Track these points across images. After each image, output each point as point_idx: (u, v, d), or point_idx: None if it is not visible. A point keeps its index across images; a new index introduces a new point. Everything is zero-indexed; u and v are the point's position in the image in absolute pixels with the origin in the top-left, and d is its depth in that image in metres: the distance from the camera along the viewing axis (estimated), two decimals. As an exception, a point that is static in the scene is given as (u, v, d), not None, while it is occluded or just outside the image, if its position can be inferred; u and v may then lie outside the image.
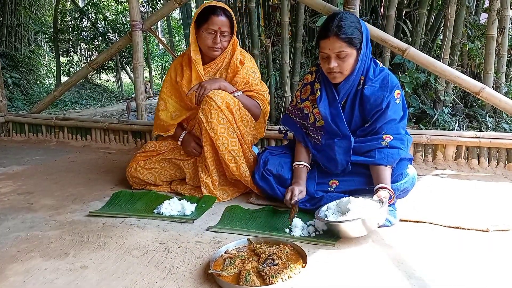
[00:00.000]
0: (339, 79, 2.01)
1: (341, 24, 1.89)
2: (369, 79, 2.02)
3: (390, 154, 1.96)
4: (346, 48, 1.91)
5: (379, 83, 2.02)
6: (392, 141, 1.99)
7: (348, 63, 1.95)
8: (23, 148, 3.82)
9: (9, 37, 7.80)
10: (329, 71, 1.99)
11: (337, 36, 1.89)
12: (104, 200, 2.32)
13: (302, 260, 1.53)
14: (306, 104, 2.21)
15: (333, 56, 1.94)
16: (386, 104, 1.99)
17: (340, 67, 1.95)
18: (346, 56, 1.93)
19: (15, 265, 1.60)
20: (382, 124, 2.01)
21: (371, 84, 2.02)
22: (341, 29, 1.89)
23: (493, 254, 1.61)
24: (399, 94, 2.03)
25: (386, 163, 1.95)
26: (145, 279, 1.47)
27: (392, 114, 2.00)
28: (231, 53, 2.48)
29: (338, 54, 1.92)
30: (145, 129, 3.62)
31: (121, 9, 9.56)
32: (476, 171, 2.75)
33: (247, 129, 2.36)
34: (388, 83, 2.01)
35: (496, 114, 3.74)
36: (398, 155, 1.97)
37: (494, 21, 3.51)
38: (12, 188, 2.61)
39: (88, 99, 8.04)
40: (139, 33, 3.61)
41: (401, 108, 2.05)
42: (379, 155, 1.96)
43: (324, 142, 2.11)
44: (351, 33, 1.90)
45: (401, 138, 2.01)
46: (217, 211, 2.14)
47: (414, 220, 1.93)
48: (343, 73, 1.98)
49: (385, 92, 1.99)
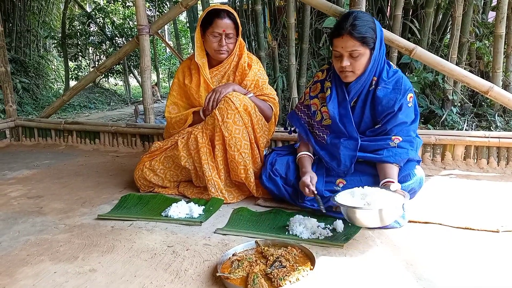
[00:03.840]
0: (351, 78, 2.00)
1: (355, 23, 1.88)
2: (383, 80, 2.00)
3: (398, 153, 1.95)
4: (359, 47, 1.90)
5: (393, 85, 1.99)
6: (401, 142, 1.97)
7: (360, 63, 1.94)
8: (33, 153, 3.86)
9: (19, 42, 7.90)
10: (341, 70, 1.98)
11: (350, 35, 1.88)
12: (113, 203, 2.34)
13: (310, 262, 1.53)
14: (315, 101, 2.20)
15: (345, 55, 1.92)
16: (399, 107, 1.97)
17: (352, 66, 1.94)
18: (359, 55, 1.91)
19: (25, 268, 1.62)
20: (392, 126, 2.00)
21: (384, 86, 2.00)
22: (355, 28, 1.87)
23: (503, 255, 1.59)
24: (412, 98, 2.01)
25: (394, 161, 1.94)
26: (154, 282, 1.48)
27: (404, 117, 1.98)
28: (238, 56, 2.49)
29: (351, 53, 1.91)
30: (153, 132, 3.64)
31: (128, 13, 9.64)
32: (485, 171, 2.72)
33: (262, 132, 2.37)
34: (401, 85, 1.98)
35: (505, 113, 3.71)
36: (406, 155, 1.96)
37: (502, 19, 3.49)
38: (22, 192, 2.64)
39: (96, 103, 8.11)
40: (146, 37, 3.64)
41: (412, 111, 2.03)
42: (387, 153, 1.95)
43: (330, 141, 2.10)
44: (365, 32, 1.89)
45: (410, 140, 1.99)
46: (225, 213, 2.14)
47: (423, 221, 1.91)
48: (355, 73, 1.97)
49: (398, 95, 1.97)
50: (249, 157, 2.28)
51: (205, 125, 2.34)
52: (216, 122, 2.26)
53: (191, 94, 2.52)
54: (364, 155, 2.02)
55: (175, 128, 2.54)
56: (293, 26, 3.99)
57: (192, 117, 2.47)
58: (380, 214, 1.64)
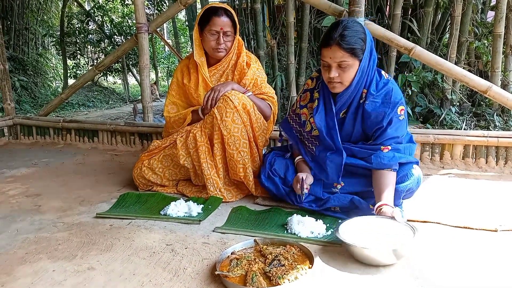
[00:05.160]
0: (339, 89, 1.93)
1: (345, 33, 1.80)
2: (371, 94, 1.93)
3: (385, 156, 1.88)
4: (348, 58, 1.83)
5: (381, 99, 1.92)
6: (389, 151, 1.91)
7: (349, 74, 1.87)
8: (31, 151, 3.85)
9: (17, 40, 7.88)
10: (329, 81, 1.91)
11: (339, 46, 1.81)
12: (111, 202, 2.34)
13: (309, 261, 1.53)
14: (304, 111, 2.15)
15: (334, 66, 1.86)
16: (388, 122, 1.90)
17: (340, 77, 1.87)
18: (347, 66, 1.84)
19: (23, 266, 1.62)
20: (383, 141, 1.94)
21: (373, 100, 1.92)
22: (344, 39, 1.80)
23: (502, 254, 1.60)
24: (403, 110, 1.93)
25: (383, 166, 1.89)
26: (152, 280, 1.48)
27: (393, 132, 1.92)
28: (237, 55, 2.49)
29: (340, 63, 1.84)
30: (151, 130, 3.63)
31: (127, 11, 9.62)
32: (484, 170, 2.72)
33: (261, 131, 2.36)
34: (390, 98, 1.91)
35: (504, 113, 3.71)
36: (395, 158, 1.90)
37: (501, 19, 3.49)
38: (20, 190, 2.63)
39: (95, 102, 8.09)
40: (145, 35, 3.63)
41: (405, 124, 1.96)
42: (375, 160, 1.90)
43: (318, 153, 2.07)
44: (354, 43, 1.81)
45: (398, 148, 1.93)
46: (224, 212, 2.14)
47: (421, 220, 1.91)
48: (343, 84, 1.90)
49: (387, 109, 1.90)
50: (248, 155, 2.28)
51: (204, 124, 2.34)
52: (215, 121, 2.26)
53: (190, 93, 2.52)
54: (355, 161, 1.98)
55: (174, 127, 2.54)
56: (292, 25, 3.99)
57: (191, 116, 2.46)
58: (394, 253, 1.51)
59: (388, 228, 1.65)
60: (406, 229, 1.62)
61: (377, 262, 1.52)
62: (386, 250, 1.50)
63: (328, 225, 1.86)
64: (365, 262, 1.54)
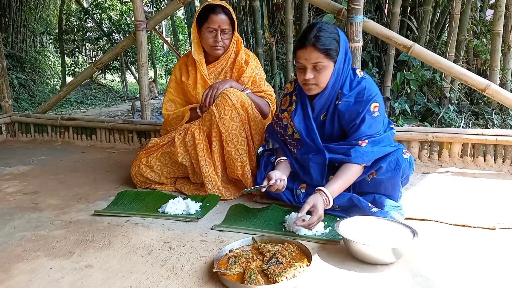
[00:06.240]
0: (314, 91, 1.93)
1: (319, 35, 1.81)
2: (343, 94, 1.93)
3: (365, 153, 1.88)
4: (323, 59, 1.84)
5: (354, 97, 1.92)
6: (367, 144, 1.90)
7: (324, 75, 1.87)
8: (29, 148, 3.84)
9: (15, 38, 7.85)
10: (304, 83, 1.91)
11: (314, 47, 1.82)
12: (109, 200, 2.33)
13: (307, 258, 1.53)
14: (285, 115, 2.16)
15: (309, 67, 1.86)
16: (360, 119, 1.90)
17: (316, 79, 1.87)
18: (322, 67, 1.85)
19: (20, 264, 1.61)
20: (358, 137, 1.92)
21: (346, 100, 1.93)
22: (319, 40, 1.81)
23: (500, 252, 1.60)
24: (377, 107, 1.92)
25: (361, 161, 1.88)
26: (150, 278, 1.48)
27: (367, 129, 1.91)
28: (236, 53, 2.48)
29: (315, 65, 1.85)
30: (150, 128, 3.62)
31: (126, 9, 9.60)
32: (482, 168, 2.73)
33: (258, 129, 2.36)
34: (363, 96, 1.91)
35: (502, 111, 3.72)
36: (373, 155, 1.89)
37: (500, 17, 3.49)
38: (18, 188, 2.62)
39: (93, 99, 8.08)
40: (144, 32, 3.62)
41: (380, 121, 1.94)
42: (354, 153, 1.88)
43: (300, 156, 2.07)
44: (329, 44, 1.83)
45: (375, 141, 1.91)
46: (222, 210, 2.14)
47: (419, 218, 1.91)
48: (319, 85, 1.90)
49: (360, 107, 1.90)
50: (246, 153, 2.28)
51: (202, 122, 2.33)
52: (213, 119, 2.26)
53: (188, 91, 2.52)
54: (335, 156, 1.97)
55: (173, 125, 2.54)
56: (291, 23, 3.99)
57: (189, 114, 2.46)
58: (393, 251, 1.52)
59: (388, 228, 1.65)
60: (405, 230, 1.62)
61: (376, 260, 1.52)
62: (386, 248, 1.50)
63: (326, 223, 1.86)
64: (364, 260, 1.54)
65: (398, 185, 1.95)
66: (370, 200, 1.95)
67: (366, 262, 1.53)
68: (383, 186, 1.96)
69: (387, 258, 1.52)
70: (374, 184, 1.97)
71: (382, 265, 1.52)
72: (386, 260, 1.52)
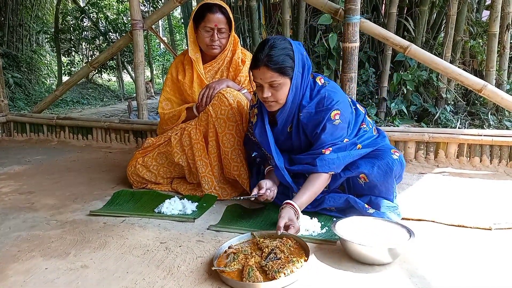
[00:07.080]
0: (275, 107, 1.91)
1: (271, 53, 1.77)
2: (303, 106, 1.92)
3: (331, 160, 1.87)
4: (278, 77, 1.80)
5: (314, 107, 1.90)
6: (331, 152, 1.89)
7: (282, 92, 1.84)
8: (24, 148, 3.82)
9: (11, 37, 7.82)
10: (264, 100, 1.89)
11: (267, 67, 1.78)
12: (105, 200, 2.32)
13: (305, 253, 1.53)
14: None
15: (266, 86, 1.83)
16: (321, 128, 1.89)
17: (274, 96, 1.85)
18: (278, 85, 1.81)
19: (15, 264, 1.60)
20: (321, 146, 1.91)
21: (306, 111, 1.91)
22: (270, 59, 1.77)
23: (496, 252, 1.60)
24: (338, 114, 1.88)
25: (328, 170, 1.87)
26: (146, 279, 1.47)
27: (328, 137, 1.89)
28: (232, 52, 2.48)
29: (271, 83, 1.81)
30: (146, 128, 3.62)
31: (122, 8, 9.57)
32: (478, 169, 2.73)
33: None
34: (323, 105, 1.88)
35: (498, 112, 3.73)
36: (339, 161, 1.88)
37: (496, 18, 3.50)
38: (13, 187, 2.61)
39: (89, 99, 8.04)
40: (140, 32, 3.61)
41: (343, 128, 1.92)
42: (320, 163, 1.86)
43: (273, 165, 2.04)
44: (282, 61, 1.78)
45: (339, 147, 1.90)
46: (218, 210, 2.13)
47: (416, 219, 1.92)
48: (278, 102, 1.88)
49: (320, 116, 1.88)
50: (243, 153, 2.27)
51: (199, 121, 2.33)
52: (210, 118, 2.25)
53: (185, 90, 2.51)
54: (301, 167, 1.97)
55: (169, 124, 2.53)
56: (288, 23, 3.99)
57: (186, 113, 2.45)
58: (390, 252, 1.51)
59: (385, 228, 1.65)
60: (402, 231, 1.62)
61: (372, 261, 1.52)
62: (383, 248, 1.50)
63: (322, 224, 1.86)
64: (361, 260, 1.54)
65: (392, 186, 1.95)
66: (366, 201, 1.95)
67: (362, 263, 1.53)
68: (377, 189, 1.97)
69: (383, 258, 1.52)
70: (368, 188, 1.98)
71: (378, 265, 1.52)
72: (382, 260, 1.52)
